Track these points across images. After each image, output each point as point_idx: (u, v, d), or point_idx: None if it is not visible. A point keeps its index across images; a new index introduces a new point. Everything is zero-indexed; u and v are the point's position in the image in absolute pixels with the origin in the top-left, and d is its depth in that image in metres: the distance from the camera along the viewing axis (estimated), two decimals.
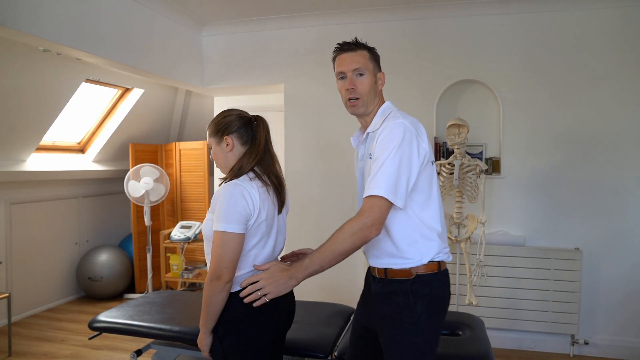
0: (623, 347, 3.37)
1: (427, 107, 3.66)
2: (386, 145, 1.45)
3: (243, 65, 4.10)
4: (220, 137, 1.69)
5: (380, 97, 1.66)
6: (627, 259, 3.36)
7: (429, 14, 3.63)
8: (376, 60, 1.65)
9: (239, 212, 1.54)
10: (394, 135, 1.45)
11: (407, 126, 1.46)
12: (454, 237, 3.26)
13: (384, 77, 1.65)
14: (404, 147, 1.43)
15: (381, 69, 1.69)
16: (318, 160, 3.95)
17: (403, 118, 1.50)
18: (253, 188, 1.59)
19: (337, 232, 1.47)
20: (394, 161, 1.42)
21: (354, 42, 1.64)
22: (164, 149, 5.29)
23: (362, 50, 1.62)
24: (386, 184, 1.41)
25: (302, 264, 1.50)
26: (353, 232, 1.43)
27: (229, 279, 1.56)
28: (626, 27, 3.31)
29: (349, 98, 1.62)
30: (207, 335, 1.64)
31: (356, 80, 1.60)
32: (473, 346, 2.16)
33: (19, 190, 4.22)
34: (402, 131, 1.45)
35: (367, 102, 1.61)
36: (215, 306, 1.58)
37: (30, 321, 4.19)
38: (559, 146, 3.46)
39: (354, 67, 1.60)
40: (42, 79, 3.65)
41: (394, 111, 1.58)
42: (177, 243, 4.54)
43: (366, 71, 1.60)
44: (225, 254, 1.53)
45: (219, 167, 1.73)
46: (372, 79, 1.61)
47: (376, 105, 1.64)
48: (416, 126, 1.51)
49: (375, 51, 1.67)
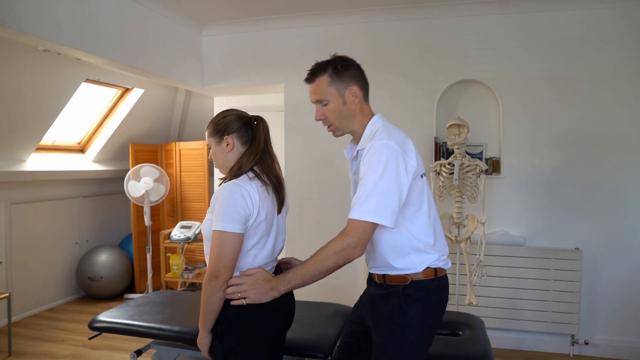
0: (623, 347, 3.37)
1: (427, 107, 3.66)
2: (370, 166, 1.44)
3: (243, 65, 4.10)
4: (221, 137, 1.69)
5: (362, 112, 1.61)
6: (627, 259, 3.36)
7: (429, 14, 3.63)
8: (340, 78, 1.56)
9: (238, 212, 1.54)
10: (378, 156, 1.44)
11: (392, 146, 1.44)
12: (454, 237, 3.26)
13: (357, 90, 1.57)
14: (389, 168, 1.42)
15: (354, 80, 1.57)
16: (318, 160, 3.95)
17: (388, 138, 1.46)
18: (252, 188, 1.59)
19: (322, 249, 1.49)
20: (380, 183, 1.41)
21: (311, 70, 1.60)
22: (164, 149, 5.29)
23: (320, 77, 1.57)
24: (373, 207, 1.41)
25: (286, 277, 1.53)
26: (336, 252, 1.45)
27: (227, 278, 1.56)
28: (627, 27, 3.31)
29: (325, 126, 1.63)
30: (206, 335, 1.65)
31: (323, 110, 1.60)
32: (473, 346, 2.16)
33: (19, 190, 4.22)
34: (386, 152, 1.44)
35: (341, 126, 1.61)
36: (213, 306, 1.58)
37: (30, 321, 4.19)
38: (559, 146, 3.46)
39: (315, 98, 1.60)
40: (42, 78, 3.65)
41: (381, 128, 1.54)
42: (177, 243, 4.54)
43: (329, 97, 1.57)
44: (223, 254, 1.53)
45: (218, 167, 1.73)
46: (338, 102, 1.57)
47: (361, 121, 1.61)
48: (402, 144, 1.48)
49: (338, 66, 1.56)
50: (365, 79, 1.63)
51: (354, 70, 1.60)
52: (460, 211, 3.22)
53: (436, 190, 3.28)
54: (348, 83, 1.57)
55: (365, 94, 1.62)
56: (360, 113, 1.61)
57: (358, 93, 1.58)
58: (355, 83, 1.58)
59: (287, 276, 1.53)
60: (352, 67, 1.60)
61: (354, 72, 1.59)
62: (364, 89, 1.61)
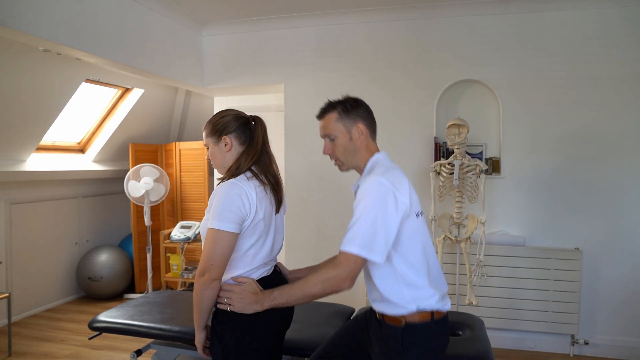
0: (623, 347, 3.37)
1: (427, 107, 3.67)
2: (360, 201, 1.48)
3: (243, 65, 4.10)
4: (219, 137, 1.69)
5: (367, 149, 1.65)
6: (627, 259, 3.36)
7: (429, 14, 3.63)
8: (348, 116, 1.63)
9: (234, 212, 1.54)
10: (368, 191, 1.47)
11: (383, 183, 1.47)
12: (454, 237, 3.26)
13: (363, 128, 1.63)
14: (378, 203, 1.45)
15: (361, 119, 1.64)
16: (318, 161, 3.94)
17: (382, 175, 1.50)
18: (250, 187, 1.60)
19: (313, 274, 1.51)
20: (369, 217, 1.44)
21: (323, 108, 1.68)
22: (164, 149, 5.29)
23: (329, 114, 1.66)
24: (361, 240, 1.43)
25: (272, 294, 1.56)
26: (325, 279, 1.47)
27: (216, 277, 1.55)
28: (626, 27, 3.31)
29: (332, 160, 1.70)
30: (199, 332, 1.66)
31: (331, 145, 1.67)
32: (473, 346, 2.16)
33: (19, 190, 4.22)
34: (376, 187, 1.47)
35: (347, 160, 1.66)
36: (202, 302, 1.58)
37: (30, 321, 4.19)
38: (559, 146, 3.46)
39: (324, 133, 1.67)
40: (42, 79, 3.65)
41: (378, 166, 1.58)
42: (177, 243, 4.54)
43: (336, 133, 1.63)
44: (215, 252, 1.53)
45: (216, 167, 1.73)
46: (344, 138, 1.63)
47: (365, 158, 1.65)
48: (396, 181, 1.50)
49: (347, 105, 1.65)
50: (373, 118, 1.70)
51: (362, 109, 1.67)
52: (460, 211, 3.22)
53: (436, 190, 3.28)
54: (355, 120, 1.64)
55: (371, 132, 1.67)
56: (365, 150, 1.65)
57: (364, 130, 1.63)
58: (362, 121, 1.64)
59: (274, 293, 1.56)
60: (361, 107, 1.67)
61: (362, 112, 1.66)
62: (370, 127, 1.67)
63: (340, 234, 1.51)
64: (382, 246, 1.44)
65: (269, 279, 1.70)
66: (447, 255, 3.49)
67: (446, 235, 3.26)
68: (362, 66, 3.81)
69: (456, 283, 3.39)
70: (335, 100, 1.68)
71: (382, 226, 1.44)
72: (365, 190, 1.48)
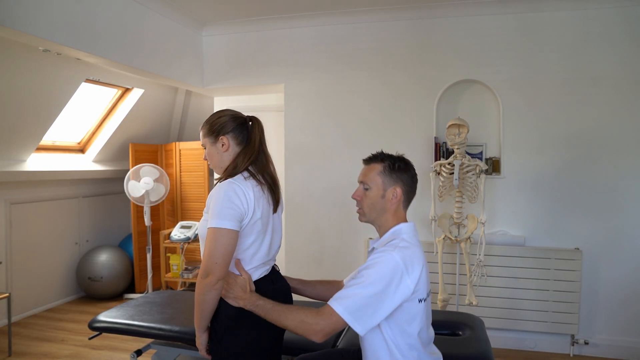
0: (623, 347, 3.37)
1: (427, 107, 3.67)
2: (367, 268, 1.47)
3: (243, 65, 4.10)
4: (216, 137, 1.69)
5: (395, 214, 1.61)
6: (627, 259, 3.36)
7: (429, 14, 3.63)
8: (391, 175, 1.59)
9: (233, 210, 1.54)
10: (379, 262, 1.45)
11: (396, 260, 1.44)
12: (454, 237, 3.26)
13: (399, 193, 1.59)
14: (382, 280, 1.43)
15: (402, 183, 1.60)
16: (318, 161, 3.95)
17: (398, 250, 1.47)
18: (247, 187, 1.60)
19: (298, 308, 1.51)
20: (368, 288, 1.42)
21: (374, 154, 1.65)
22: (164, 149, 5.29)
23: (375, 164, 1.62)
24: (351, 305, 1.42)
25: (258, 301, 1.56)
26: (302, 321, 1.47)
27: (219, 276, 1.53)
28: (626, 27, 3.31)
29: (357, 207, 1.66)
30: (201, 334, 1.65)
31: (363, 193, 1.63)
32: (473, 346, 2.16)
33: (19, 190, 4.22)
34: (387, 263, 1.44)
35: (370, 214, 1.62)
36: (205, 304, 1.56)
37: (30, 321, 4.19)
38: (559, 146, 3.46)
39: (361, 179, 1.63)
40: (42, 79, 3.65)
41: (399, 239, 1.54)
42: (177, 243, 4.54)
43: (372, 185, 1.60)
44: (216, 250, 1.52)
45: (213, 167, 1.73)
46: (377, 193, 1.59)
47: (389, 222, 1.61)
48: (409, 263, 1.46)
49: (396, 164, 1.60)
50: (414, 188, 1.65)
51: (407, 175, 1.62)
52: (460, 211, 3.22)
53: (436, 190, 3.28)
54: (396, 182, 1.60)
55: (406, 200, 1.63)
56: (393, 214, 1.61)
57: (399, 196, 1.60)
58: (402, 186, 1.60)
59: (259, 302, 1.56)
60: (407, 172, 1.62)
61: (406, 177, 1.62)
62: (407, 195, 1.62)
63: (340, 235, 1.52)
64: (368, 320, 1.43)
65: (267, 278, 1.70)
66: (447, 255, 3.49)
67: (446, 235, 3.26)
68: (362, 66, 3.81)
69: (456, 283, 3.39)
70: (387, 154, 1.64)
71: (376, 303, 1.42)
72: (377, 260, 1.47)
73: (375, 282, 1.42)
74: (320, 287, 1.87)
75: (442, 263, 3.28)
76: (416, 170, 1.68)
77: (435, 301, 3.28)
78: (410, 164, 1.65)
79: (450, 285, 3.46)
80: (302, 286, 1.87)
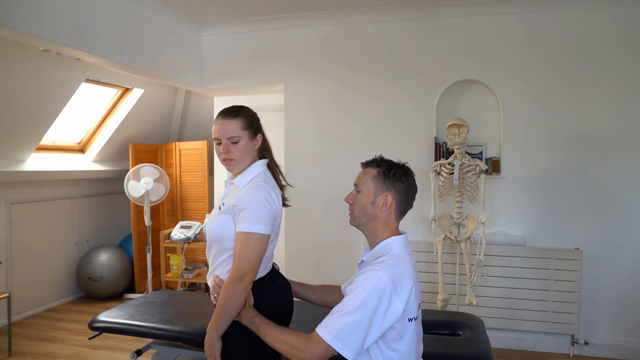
0: (623, 347, 3.37)
1: (427, 107, 3.67)
2: (354, 290, 1.40)
3: (243, 65, 4.10)
4: (255, 133, 1.69)
5: (386, 224, 1.54)
6: (627, 259, 3.36)
7: (429, 14, 3.63)
8: (384, 181, 1.52)
9: (270, 215, 1.57)
10: (365, 285, 1.38)
11: (383, 281, 1.37)
12: (454, 237, 3.25)
13: (390, 201, 1.51)
14: (369, 304, 1.36)
15: (394, 192, 1.52)
16: (318, 160, 3.95)
17: (387, 270, 1.40)
18: (276, 189, 1.65)
19: (290, 333, 1.45)
20: (355, 314, 1.36)
21: (373, 159, 1.58)
22: (164, 149, 5.29)
23: (371, 168, 1.56)
24: (339, 332, 1.36)
25: (255, 318, 1.53)
26: (293, 347, 1.41)
27: (252, 279, 1.55)
28: (626, 27, 3.31)
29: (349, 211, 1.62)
30: (217, 340, 1.60)
31: (354, 196, 1.58)
32: (473, 346, 2.16)
33: (19, 190, 4.22)
34: (374, 284, 1.37)
35: (359, 219, 1.58)
36: (234, 309, 1.53)
37: (30, 321, 4.19)
38: (559, 146, 3.46)
39: (356, 182, 1.58)
40: (42, 79, 3.65)
41: (389, 255, 1.46)
42: (177, 243, 4.53)
43: (364, 189, 1.54)
44: (254, 255, 1.53)
45: (238, 160, 1.65)
46: (368, 198, 1.53)
47: (379, 232, 1.55)
48: (398, 282, 1.39)
49: (392, 171, 1.52)
50: (409, 199, 1.55)
51: (403, 184, 1.52)
52: (460, 211, 3.22)
53: (436, 190, 3.28)
54: (388, 189, 1.51)
55: (399, 210, 1.53)
56: (384, 223, 1.53)
57: (390, 204, 1.50)
58: (394, 194, 1.51)
59: (256, 319, 1.53)
60: (404, 182, 1.52)
61: (401, 186, 1.52)
62: (399, 205, 1.52)
63: (340, 235, 1.51)
64: (357, 345, 1.37)
65: (269, 276, 1.72)
66: (447, 255, 3.49)
67: (446, 235, 3.26)
68: (362, 66, 3.81)
69: (456, 283, 3.39)
70: (386, 160, 1.56)
71: (365, 327, 1.36)
72: (363, 281, 1.39)
73: (363, 306, 1.36)
74: (322, 291, 1.85)
75: (442, 263, 3.28)
76: (416, 170, 1.64)
77: (435, 301, 3.27)
78: (410, 174, 1.55)
79: (450, 285, 3.46)
80: (303, 290, 1.85)
